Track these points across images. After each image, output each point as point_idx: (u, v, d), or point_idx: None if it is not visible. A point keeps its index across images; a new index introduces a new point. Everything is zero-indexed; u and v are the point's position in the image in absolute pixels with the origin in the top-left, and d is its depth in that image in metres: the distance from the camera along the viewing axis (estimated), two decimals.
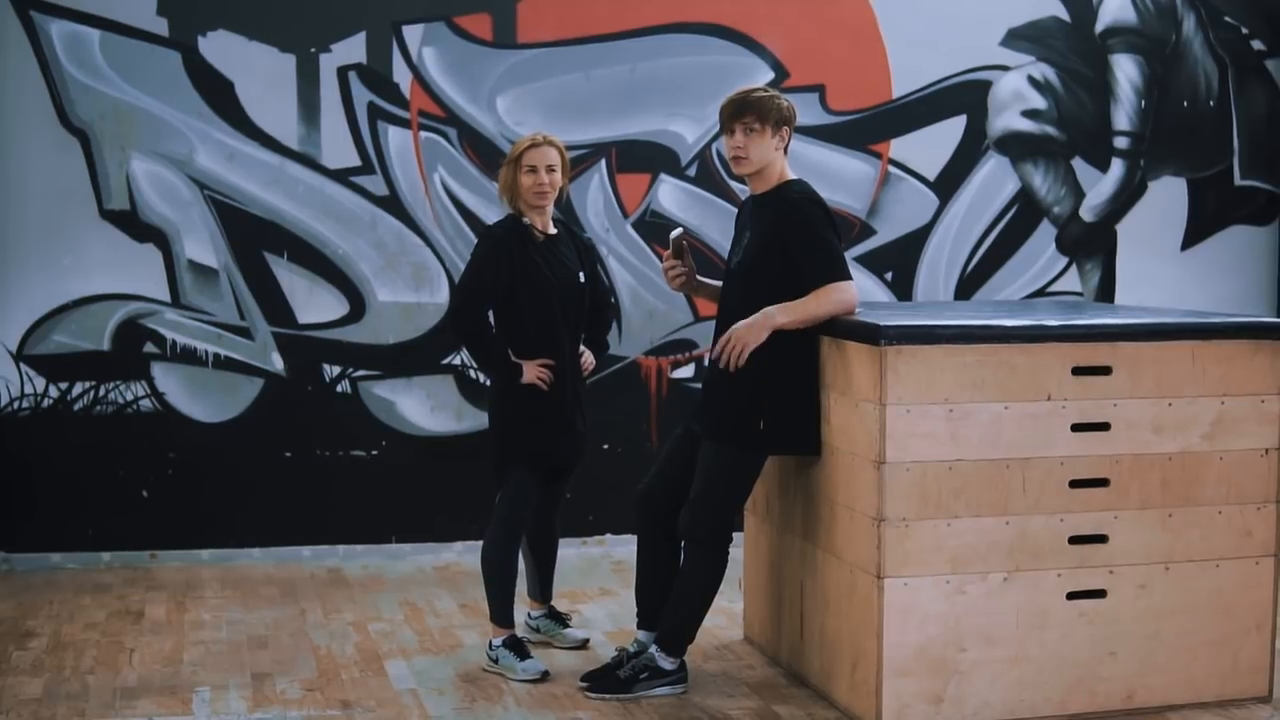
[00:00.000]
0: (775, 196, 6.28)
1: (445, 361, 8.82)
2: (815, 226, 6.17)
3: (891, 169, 9.30)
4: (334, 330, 8.74)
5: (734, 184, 8.96)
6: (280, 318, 8.67)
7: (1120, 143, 9.61)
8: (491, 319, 6.79)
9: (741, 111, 6.25)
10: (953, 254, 9.43)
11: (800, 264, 6.15)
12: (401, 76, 8.71)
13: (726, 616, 7.41)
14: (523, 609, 7.06)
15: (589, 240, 7.74)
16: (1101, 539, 6.07)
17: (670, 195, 9.05)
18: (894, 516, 5.83)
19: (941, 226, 9.40)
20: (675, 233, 6.66)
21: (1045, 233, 9.55)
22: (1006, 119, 9.44)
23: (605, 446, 8.83)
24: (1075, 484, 6.03)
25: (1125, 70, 9.57)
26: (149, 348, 8.54)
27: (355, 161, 8.71)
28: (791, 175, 6.35)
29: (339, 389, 8.77)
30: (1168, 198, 9.72)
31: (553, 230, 6.79)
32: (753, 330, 6.09)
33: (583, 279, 6.81)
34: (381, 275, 8.75)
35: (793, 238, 6.17)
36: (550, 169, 6.68)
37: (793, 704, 6.32)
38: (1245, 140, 9.79)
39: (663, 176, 9.03)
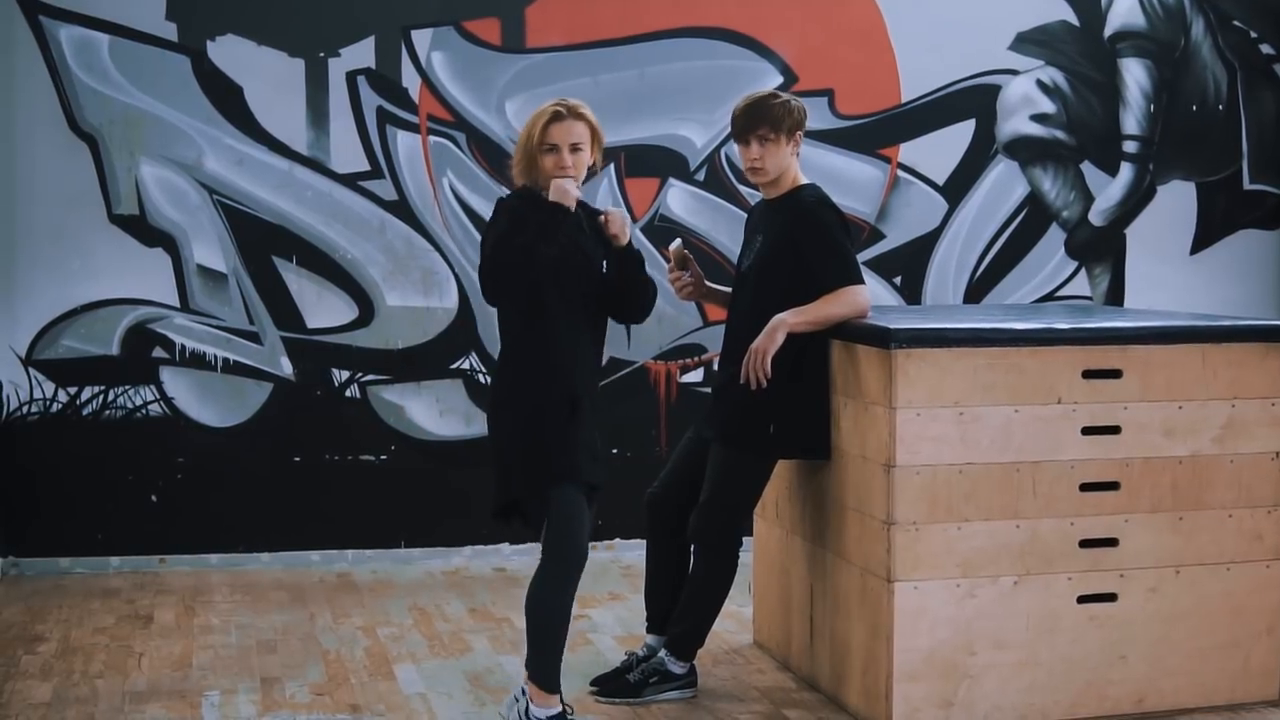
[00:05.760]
0: (788, 201, 6.27)
1: (454, 366, 8.82)
2: (828, 230, 6.17)
3: (900, 173, 9.30)
4: (343, 335, 8.74)
5: (743, 188, 8.95)
6: (289, 322, 8.67)
7: (1129, 147, 9.60)
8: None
9: (756, 123, 6.21)
10: (962, 258, 9.42)
11: (813, 267, 6.14)
12: (410, 81, 8.71)
13: (736, 621, 7.40)
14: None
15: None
16: (1112, 542, 6.06)
17: (679, 200, 9.05)
18: (904, 520, 5.82)
19: (951, 231, 9.39)
20: (674, 244, 6.61)
21: (1054, 237, 9.54)
22: (1015, 123, 9.43)
23: (614, 451, 8.81)
24: (1086, 487, 6.02)
25: (1134, 74, 9.56)
26: (158, 352, 8.55)
27: (364, 166, 8.71)
28: (804, 179, 6.35)
29: (348, 393, 8.77)
30: (1177, 202, 9.70)
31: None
32: (768, 339, 6.07)
33: (604, 266, 5.92)
34: (390, 280, 8.75)
35: (805, 241, 6.16)
36: (575, 147, 5.68)
37: (803, 708, 6.31)
38: (1254, 144, 9.77)
39: (671, 181, 9.03)
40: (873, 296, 6.40)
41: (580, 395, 5.73)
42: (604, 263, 5.88)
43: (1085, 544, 6.03)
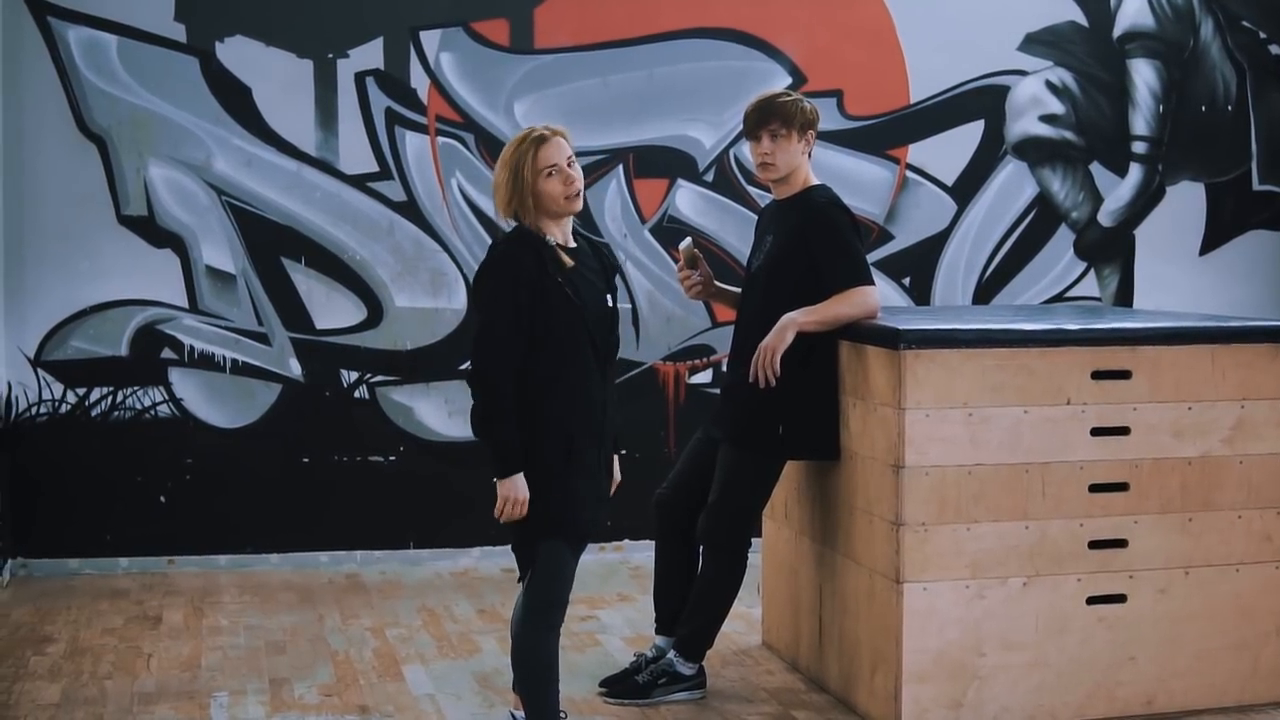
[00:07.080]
0: (799, 201, 6.27)
1: (463, 367, 8.81)
2: (839, 231, 6.17)
3: (909, 174, 9.29)
4: (351, 336, 8.74)
5: (752, 189, 8.95)
6: (298, 323, 8.67)
7: (1138, 147, 9.58)
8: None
9: (768, 118, 6.22)
10: (971, 259, 9.41)
11: (823, 268, 6.14)
12: (419, 82, 8.71)
13: (745, 622, 7.39)
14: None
15: (610, 251, 6.51)
16: (1121, 543, 6.05)
17: (688, 200, 9.04)
18: (913, 521, 5.82)
19: (959, 231, 9.38)
20: (685, 242, 6.61)
21: (1063, 238, 9.53)
22: (1024, 124, 9.42)
23: (623, 452, 8.76)
24: (1095, 488, 6.01)
25: (1143, 75, 9.55)
26: (167, 353, 8.55)
27: (373, 167, 8.71)
28: (815, 180, 6.35)
29: (356, 394, 8.77)
30: (1186, 203, 9.69)
31: (573, 244, 5.52)
32: (777, 337, 6.07)
33: (610, 303, 5.58)
34: (399, 281, 8.75)
35: (816, 241, 6.16)
36: (570, 161, 5.39)
37: (812, 709, 6.31)
38: (1263, 145, 9.76)
39: (680, 182, 9.02)
40: (882, 297, 6.39)
41: (574, 436, 5.41)
42: (608, 296, 5.55)
43: (1094, 545, 6.02)
